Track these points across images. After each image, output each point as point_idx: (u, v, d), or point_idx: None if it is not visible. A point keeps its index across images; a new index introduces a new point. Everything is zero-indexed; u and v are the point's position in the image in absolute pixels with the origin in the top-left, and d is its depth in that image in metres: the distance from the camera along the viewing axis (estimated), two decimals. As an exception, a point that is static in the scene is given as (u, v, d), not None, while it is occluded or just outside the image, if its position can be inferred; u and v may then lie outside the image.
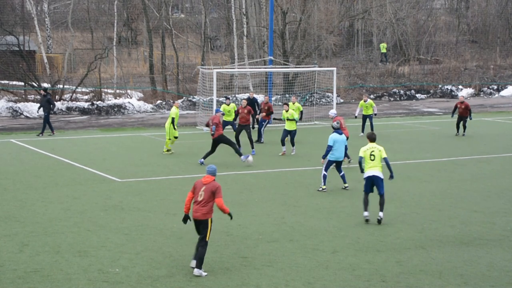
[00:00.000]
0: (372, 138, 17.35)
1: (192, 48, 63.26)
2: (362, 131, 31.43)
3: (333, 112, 24.85)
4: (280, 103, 42.14)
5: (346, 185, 20.77)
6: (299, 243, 15.28)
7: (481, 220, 17.31)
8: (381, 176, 16.99)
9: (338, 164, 20.69)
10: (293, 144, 26.66)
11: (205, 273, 13.22)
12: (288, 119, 26.50)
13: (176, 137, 26.97)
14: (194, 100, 43.09)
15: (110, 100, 43.02)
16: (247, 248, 14.90)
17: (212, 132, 24.38)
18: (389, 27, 61.55)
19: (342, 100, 47.08)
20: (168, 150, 27.04)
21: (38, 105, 34.00)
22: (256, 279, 13.04)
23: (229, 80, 47.04)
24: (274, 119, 30.53)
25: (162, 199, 19.38)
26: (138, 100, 43.69)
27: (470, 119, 31.82)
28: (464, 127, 31.82)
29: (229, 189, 20.70)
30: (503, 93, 52.50)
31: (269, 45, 38.60)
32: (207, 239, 13.27)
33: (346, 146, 20.69)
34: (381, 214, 16.95)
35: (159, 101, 43.58)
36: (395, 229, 16.43)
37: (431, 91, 51.59)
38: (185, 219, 13.70)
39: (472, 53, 62.84)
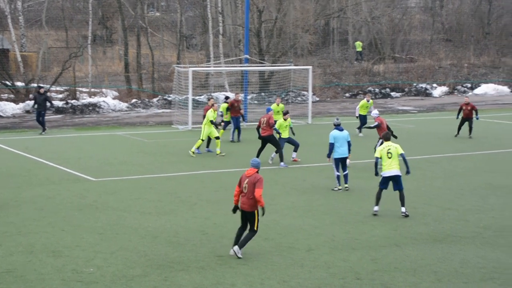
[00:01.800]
0: (386, 138, 17.84)
1: (167, 47, 63.08)
2: (360, 130, 31.37)
3: (375, 112, 24.55)
4: (256, 102, 42.18)
5: (347, 185, 20.42)
6: (274, 241, 15.31)
7: (454, 217, 17.46)
8: (399, 173, 17.42)
9: (344, 162, 20.34)
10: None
11: (241, 256, 13.98)
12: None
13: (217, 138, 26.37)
14: (169, 98, 42.98)
15: (85, 99, 42.76)
16: (222, 247, 14.90)
17: (278, 133, 24.27)
18: (365, 25, 61.82)
19: (317, 99, 47.19)
20: (220, 152, 26.39)
21: (32, 102, 34.18)
22: (231, 278, 13.05)
23: (205, 78, 46.97)
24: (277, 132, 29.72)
25: (137, 198, 19.32)
26: (113, 98, 43.47)
27: (477, 118, 30.86)
28: (471, 129, 30.76)
29: (205, 187, 20.69)
30: (476, 91, 52.96)
31: (244, 43, 38.59)
32: (255, 228, 14.08)
33: (349, 142, 20.29)
34: (403, 209, 17.40)
35: (134, 100, 43.40)
36: (369, 227, 16.52)
37: (405, 89, 51.90)
38: (235, 209, 14.51)
39: (447, 51, 63.30)
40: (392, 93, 50.83)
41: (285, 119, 24.66)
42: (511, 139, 30.71)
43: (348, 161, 20.62)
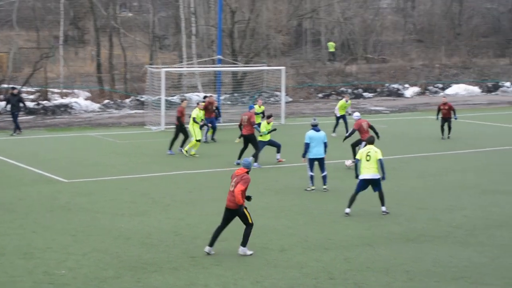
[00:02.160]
0: (370, 141, 18.01)
1: (140, 47, 62.70)
2: (334, 131, 31.35)
3: (356, 115, 24.30)
4: (229, 102, 42.15)
5: (325, 187, 20.35)
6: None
7: (426, 217, 17.58)
8: (378, 176, 17.51)
9: (320, 163, 20.27)
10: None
11: (250, 252, 14.22)
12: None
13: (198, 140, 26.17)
14: (142, 99, 42.80)
15: (57, 99, 42.41)
16: (196, 247, 14.87)
17: (258, 130, 24.20)
18: (337, 26, 62.02)
19: (290, 99, 47.25)
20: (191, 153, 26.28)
21: (5, 102, 33.98)
22: (204, 279, 13.03)
23: (178, 79, 46.82)
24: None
25: (110, 200, 19.21)
26: (85, 99, 43.17)
27: (456, 118, 30.69)
28: (450, 128, 30.50)
29: (178, 188, 20.63)
30: (448, 91, 53.38)
31: (217, 44, 38.57)
32: (250, 222, 14.25)
33: (326, 143, 20.21)
34: (384, 208, 17.61)
35: (106, 101, 43.15)
36: (342, 227, 16.58)
37: (378, 89, 52.16)
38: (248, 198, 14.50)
39: (418, 52, 63.73)
40: (365, 94, 51.07)
41: (268, 123, 24.39)
42: (482, 139, 31.00)
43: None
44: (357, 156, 17.89)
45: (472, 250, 14.87)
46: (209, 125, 29.40)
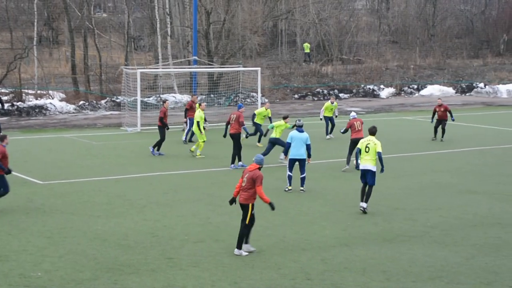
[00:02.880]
0: (372, 132, 18.15)
1: (115, 48, 62.50)
2: (327, 133, 31.33)
3: (352, 114, 24.54)
4: (205, 103, 42.02)
5: (302, 188, 20.28)
6: (225, 243, 15.28)
7: (403, 217, 17.68)
8: (372, 169, 17.72)
9: (301, 164, 20.19)
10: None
11: (245, 253, 14.33)
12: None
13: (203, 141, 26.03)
14: (118, 100, 42.61)
15: (31, 101, 42.11)
16: (173, 249, 14.82)
17: (246, 132, 24.13)
18: (312, 27, 62.23)
19: (266, 100, 47.30)
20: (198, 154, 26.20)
21: None
22: (182, 280, 12.98)
23: (153, 80, 46.70)
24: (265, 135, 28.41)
25: (86, 201, 19.09)
26: (60, 100, 42.89)
27: (453, 120, 30.59)
28: (443, 131, 30.29)
29: (154, 189, 20.56)
30: (423, 92, 53.80)
31: (193, 45, 38.54)
32: (246, 222, 14.38)
33: (308, 145, 20.09)
34: (364, 204, 17.72)
35: (82, 102, 42.90)
36: (319, 227, 16.62)
37: (354, 90, 52.40)
38: (231, 201, 14.90)
39: (393, 53, 64.13)
40: (341, 94, 51.26)
41: (285, 122, 24.28)
42: (457, 139, 31.22)
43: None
44: (358, 145, 18.10)
45: (448, 250, 14.98)
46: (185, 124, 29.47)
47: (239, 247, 14.42)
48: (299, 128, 20.32)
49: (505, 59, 63.61)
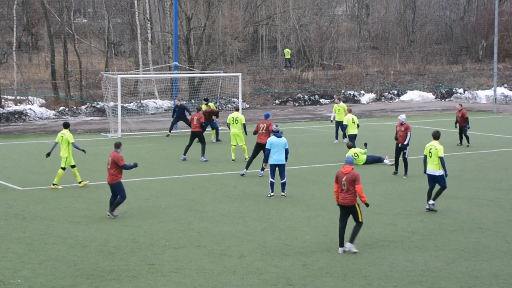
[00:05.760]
0: (435, 136, 18.78)
1: (95, 54, 62.28)
2: (336, 137, 31.39)
3: (402, 116, 24.08)
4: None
5: (283, 193, 20.30)
6: (206, 248, 15.26)
7: (383, 222, 17.74)
8: (437, 173, 18.55)
9: (281, 169, 20.21)
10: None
11: (355, 250, 14.87)
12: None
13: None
14: (98, 106, 42.44)
15: (10, 106, 41.84)
16: (154, 255, 14.78)
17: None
18: (293, 33, 62.33)
19: (248, 106, 47.36)
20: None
21: None
22: (163, 286, 12.95)
23: (134, 85, 46.57)
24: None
25: (66, 207, 18.99)
26: (40, 106, 42.67)
27: (468, 127, 30.14)
28: (467, 137, 30.10)
29: (135, 195, 20.48)
30: (403, 97, 54.06)
31: (174, 50, 38.46)
32: (360, 220, 14.96)
33: (287, 150, 20.20)
34: (431, 201, 18.67)
35: (62, 108, 42.70)
36: (301, 233, 16.64)
37: (334, 96, 52.53)
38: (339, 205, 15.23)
39: (373, 59, 64.41)
40: (321, 100, 51.41)
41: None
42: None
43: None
44: (424, 152, 18.79)
45: (429, 254, 15.05)
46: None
47: (352, 241, 14.97)
48: (277, 134, 20.40)
49: (484, 65, 64.08)
